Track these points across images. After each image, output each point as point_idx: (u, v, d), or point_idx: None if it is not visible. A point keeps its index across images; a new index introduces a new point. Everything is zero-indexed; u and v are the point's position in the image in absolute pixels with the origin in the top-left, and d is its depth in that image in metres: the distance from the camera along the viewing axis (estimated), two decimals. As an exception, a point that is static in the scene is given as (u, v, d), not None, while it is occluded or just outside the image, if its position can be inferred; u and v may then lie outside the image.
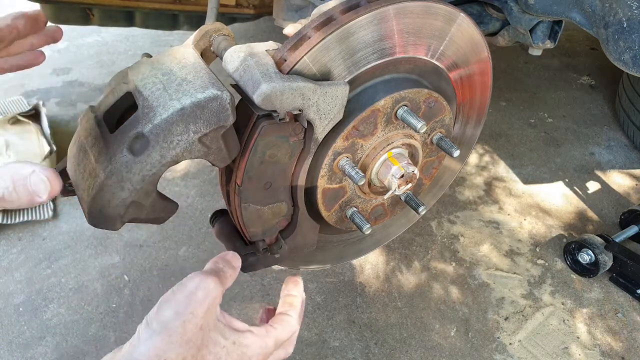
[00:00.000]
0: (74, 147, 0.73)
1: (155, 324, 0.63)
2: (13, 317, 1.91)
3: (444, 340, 1.86)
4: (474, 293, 2.03)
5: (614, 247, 2.00)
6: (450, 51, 0.97)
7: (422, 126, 0.87)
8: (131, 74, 0.74)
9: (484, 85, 1.11)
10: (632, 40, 1.03)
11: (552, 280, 2.09)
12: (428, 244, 2.24)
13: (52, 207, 2.35)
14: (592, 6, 1.10)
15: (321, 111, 0.79)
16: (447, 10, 0.91)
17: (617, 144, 2.91)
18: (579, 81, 3.54)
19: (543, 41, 1.36)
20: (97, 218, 0.69)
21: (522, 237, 2.29)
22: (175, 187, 2.52)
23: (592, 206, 2.46)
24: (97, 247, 2.19)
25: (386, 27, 0.84)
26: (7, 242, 2.22)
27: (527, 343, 1.85)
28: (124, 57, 3.80)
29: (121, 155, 0.65)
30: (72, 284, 2.03)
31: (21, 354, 1.78)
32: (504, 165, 2.72)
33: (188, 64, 0.74)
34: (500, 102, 3.27)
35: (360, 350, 1.82)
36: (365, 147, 0.91)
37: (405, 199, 1.04)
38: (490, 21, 1.45)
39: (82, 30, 3.95)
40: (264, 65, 0.74)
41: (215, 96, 0.67)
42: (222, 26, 0.95)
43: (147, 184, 0.68)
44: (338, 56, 0.82)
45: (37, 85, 3.38)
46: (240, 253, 0.81)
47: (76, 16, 2.39)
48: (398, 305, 1.98)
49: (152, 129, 0.65)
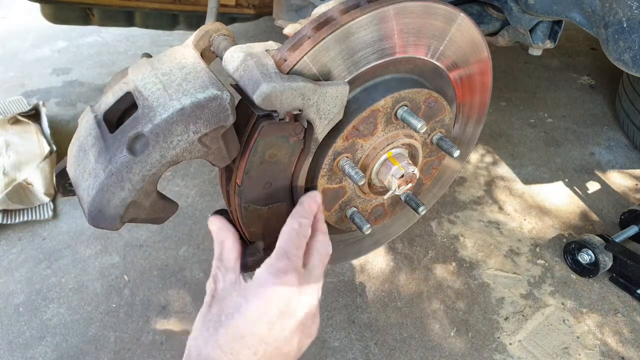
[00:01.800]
0: (74, 147, 0.73)
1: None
2: (13, 317, 1.91)
3: (444, 341, 1.86)
4: (474, 293, 2.03)
5: (614, 247, 2.00)
6: (450, 51, 0.97)
7: (422, 126, 0.87)
8: (131, 74, 0.74)
9: (484, 85, 1.11)
10: (632, 40, 1.03)
11: (552, 280, 2.09)
12: (428, 244, 2.24)
13: (52, 207, 2.35)
14: (592, 6, 1.10)
15: (321, 111, 0.79)
16: (447, 10, 0.91)
17: (617, 144, 2.91)
18: (579, 81, 3.54)
19: (543, 41, 1.36)
20: (97, 218, 0.69)
21: (522, 237, 2.29)
22: (175, 187, 2.52)
23: (592, 206, 2.46)
24: (97, 247, 2.19)
25: (386, 27, 0.84)
26: (7, 242, 2.22)
27: (527, 343, 1.85)
28: (124, 57, 3.80)
29: (121, 155, 0.65)
30: (72, 284, 2.03)
31: (21, 354, 1.78)
32: (504, 165, 2.72)
33: (188, 64, 0.74)
34: (500, 102, 3.27)
35: (360, 351, 1.82)
36: (366, 147, 0.91)
37: (405, 199, 1.04)
38: (490, 21, 1.45)
39: (82, 30, 3.95)
40: (264, 65, 0.74)
41: (215, 96, 0.67)
42: (222, 26, 0.95)
43: (147, 184, 0.68)
44: (338, 56, 0.82)
45: (37, 85, 3.38)
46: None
47: (76, 16, 2.39)
48: (398, 305, 1.98)
49: (152, 129, 0.65)
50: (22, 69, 3.60)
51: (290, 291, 0.68)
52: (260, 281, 0.69)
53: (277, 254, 0.72)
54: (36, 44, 3.95)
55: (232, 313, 0.67)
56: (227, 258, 0.75)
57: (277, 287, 0.68)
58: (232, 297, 0.69)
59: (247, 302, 0.67)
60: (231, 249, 0.76)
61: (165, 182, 2.55)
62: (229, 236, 0.78)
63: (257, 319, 0.66)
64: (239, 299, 0.68)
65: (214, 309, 0.69)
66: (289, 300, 0.68)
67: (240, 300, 0.68)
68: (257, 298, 0.67)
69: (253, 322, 0.66)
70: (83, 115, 0.75)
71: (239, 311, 0.67)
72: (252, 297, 0.68)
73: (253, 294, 0.68)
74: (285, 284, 0.68)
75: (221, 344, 0.65)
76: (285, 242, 0.74)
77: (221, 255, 0.76)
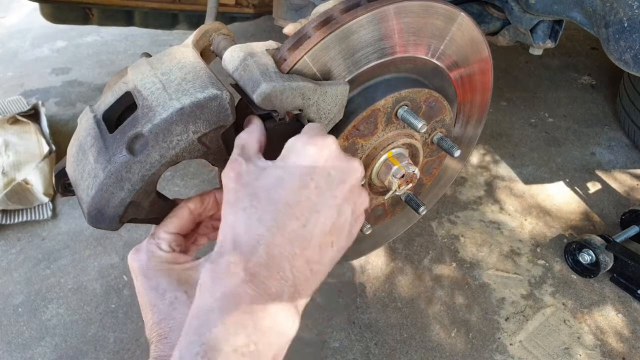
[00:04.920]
0: (73, 147, 0.73)
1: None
2: (12, 318, 1.91)
3: (445, 341, 1.86)
4: (474, 293, 2.03)
5: (615, 247, 2.00)
6: (450, 51, 0.97)
7: (423, 126, 0.87)
8: (130, 74, 0.74)
9: (485, 84, 1.11)
10: (632, 40, 1.03)
11: (552, 280, 2.08)
12: (428, 244, 2.24)
13: (51, 207, 2.35)
14: (592, 6, 1.10)
15: (321, 111, 0.78)
16: (448, 9, 0.90)
17: (618, 144, 2.91)
18: (580, 81, 3.54)
19: (544, 41, 1.35)
20: (96, 218, 0.69)
21: (523, 238, 2.28)
22: (175, 187, 2.52)
23: (593, 206, 2.46)
24: (97, 248, 2.19)
25: (386, 26, 0.84)
26: (6, 242, 2.21)
27: (528, 343, 1.84)
28: (124, 56, 3.80)
29: (120, 155, 0.65)
30: (72, 284, 2.03)
31: (20, 355, 1.78)
32: (504, 165, 2.72)
33: (187, 63, 0.74)
34: (500, 102, 3.26)
35: (360, 351, 1.81)
36: (366, 147, 0.91)
37: (405, 199, 1.04)
38: (490, 20, 1.44)
39: (81, 29, 3.95)
40: (263, 65, 0.74)
41: (214, 96, 0.67)
42: (221, 25, 0.95)
43: (147, 184, 0.67)
44: (338, 56, 0.81)
45: (36, 85, 3.37)
46: None
47: (75, 16, 2.39)
48: (398, 305, 1.98)
49: (152, 128, 0.65)
50: (21, 68, 3.60)
51: (333, 151, 0.59)
52: (296, 148, 0.59)
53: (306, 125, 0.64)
54: (35, 44, 3.95)
55: (272, 183, 0.56)
56: (249, 146, 0.64)
57: (319, 149, 0.58)
58: (268, 172, 0.58)
59: (289, 170, 0.57)
60: (256, 139, 0.65)
61: (165, 182, 2.54)
62: (254, 129, 0.67)
63: (304, 184, 0.56)
64: (275, 171, 0.57)
65: (244, 190, 0.57)
66: (334, 160, 0.59)
67: (279, 172, 0.57)
68: (298, 164, 0.57)
69: (298, 188, 0.56)
70: (82, 115, 0.75)
71: (281, 182, 0.56)
72: (291, 164, 0.57)
73: (292, 163, 0.58)
74: (326, 143, 0.59)
75: (263, 219, 0.54)
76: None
77: (243, 146, 0.64)
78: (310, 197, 0.56)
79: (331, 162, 0.59)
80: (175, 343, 0.57)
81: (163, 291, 0.63)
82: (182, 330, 0.50)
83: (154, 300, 0.63)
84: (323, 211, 0.57)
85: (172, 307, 0.62)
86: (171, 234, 0.70)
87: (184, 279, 0.65)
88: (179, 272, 0.66)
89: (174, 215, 0.72)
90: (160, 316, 0.62)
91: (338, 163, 0.60)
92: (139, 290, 0.66)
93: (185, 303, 0.62)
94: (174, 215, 0.72)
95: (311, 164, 0.58)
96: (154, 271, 0.65)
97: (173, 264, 0.67)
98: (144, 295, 0.65)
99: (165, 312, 0.62)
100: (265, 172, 0.58)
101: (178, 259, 0.68)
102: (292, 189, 0.56)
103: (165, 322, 0.61)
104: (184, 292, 0.63)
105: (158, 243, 0.69)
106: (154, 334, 0.61)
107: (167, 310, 0.62)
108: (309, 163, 0.58)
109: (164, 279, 0.65)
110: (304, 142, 0.59)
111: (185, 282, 0.65)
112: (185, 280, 0.65)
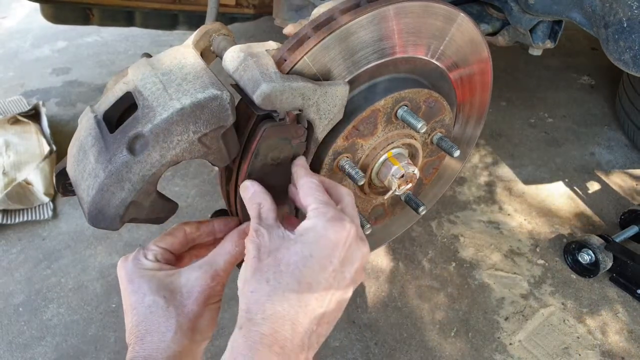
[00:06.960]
0: (73, 147, 0.73)
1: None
2: (13, 317, 1.91)
3: (444, 341, 1.86)
4: (474, 293, 2.03)
5: (614, 247, 2.00)
6: (450, 51, 0.97)
7: (422, 126, 0.87)
8: (131, 74, 0.74)
9: (484, 85, 1.11)
10: (632, 40, 1.03)
11: (552, 280, 2.09)
12: (428, 244, 2.24)
13: (51, 207, 2.35)
14: (592, 6, 1.10)
15: (321, 111, 0.79)
16: (447, 10, 0.91)
17: (618, 144, 2.91)
18: (579, 81, 3.54)
19: (543, 41, 1.36)
20: (96, 218, 0.69)
21: (522, 237, 2.28)
22: (175, 187, 2.52)
23: (593, 206, 2.46)
24: (97, 247, 2.19)
25: (386, 27, 0.84)
26: (7, 242, 2.22)
27: (527, 343, 1.85)
28: (124, 57, 3.80)
29: (121, 155, 0.65)
30: (72, 284, 2.03)
31: (21, 354, 1.78)
32: (504, 165, 2.72)
33: (188, 64, 0.74)
34: (500, 102, 3.26)
35: (361, 351, 1.82)
36: (366, 147, 0.91)
37: (405, 199, 1.04)
38: (490, 21, 1.45)
39: (81, 30, 3.95)
40: (264, 65, 0.74)
41: (215, 96, 0.67)
42: (221, 26, 0.95)
43: (147, 184, 0.67)
44: (338, 56, 0.81)
45: (36, 85, 3.38)
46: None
47: (76, 16, 2.39)
48: (398, 305, 1.98)
49: (152, 128, 0.65)
50: (21, 68, 3.60)
51: (350, 237, 0.66)
52: (317, 229, 0.65)
53: (319, 204, 0.69)
54: (36, 44, 3.95)
55: (295, 262, 0.62)
56: (266, 217, 0.70)
57: (339, 234, 0.65)
58: (289, 247, 0.64)
59: (310, 250, 0.63)
60: (270, 208, 0.72)
61: (165, 182, 2.55)
62: (266, 198, 0.73)
63: (324, 267, 0.63)
64: (297, 247, 0.64)
65: (267, 261, 0.64)
66: (349, 246, 0.66)
67: (301, 249, 0.63)
68: (320, 246, 0.64)
69: (319, 270, 0.63)
70: (83, 115, 0.75)
71: (304, 261, 0.62)
72: (313, 245, 0.64)
73: (313, 242, 0.64)
74: (345, 229, 0.65)
75: (288, 296, 0.60)
76: (315, 193, 0.70)
77: (259, 214, 0.71)
78: (328, 279, 0.63)
79: (347, 249, 0.66)
80: (149, 345, 0.65)
81: (143, 295, 0.69)
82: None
83: (135, 303, 0.69)
84: (337, 293, 0.65)
85: (149, 311, 0.68)
86: (161, 248, 0.76)
87: (165, 285, 0.70)
88: (161, 278, 0.71)
89: (169, 233, 0.79)
90: (138, 319, 0.68)
91: (353, 248, 0.67)
92: (123, 295, 0.72)
93: (162, 307, 0.68)
94: (169, 232, 0.79)
95: (332, 249, 0.64)
96: (138, 277, 0.71)
97: (157, 271, 0.73)
98: (127, 298, 0.71)
99: (143, 314, 0.68)
100: (286, 246, 0.65)
101: (162, 267, 0.74)
102: (314, 270, 0.63)
103: (142, 325, 0.67)
104: (162, 297, 0.69)
105: (145, 253, 0.75)
106: (132, 336, 0.67)
107: (145, 313, 0.68)
108: (330, 248, 0.64)
109: (145, 284, 0.70)
110: (324, 227, 0.65)
111: (165, 288, 0.70)
112: (166, 286, 0.70)
